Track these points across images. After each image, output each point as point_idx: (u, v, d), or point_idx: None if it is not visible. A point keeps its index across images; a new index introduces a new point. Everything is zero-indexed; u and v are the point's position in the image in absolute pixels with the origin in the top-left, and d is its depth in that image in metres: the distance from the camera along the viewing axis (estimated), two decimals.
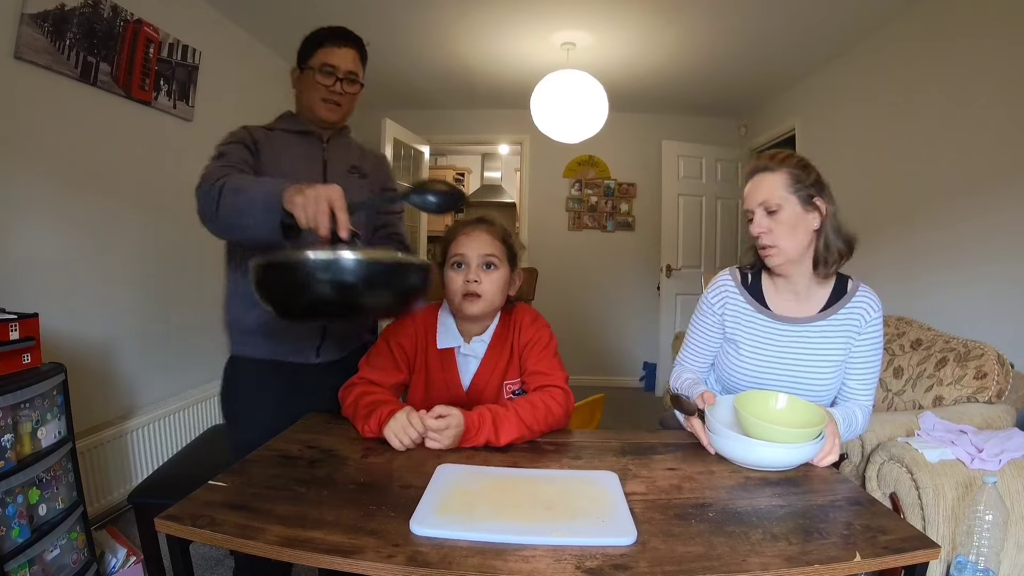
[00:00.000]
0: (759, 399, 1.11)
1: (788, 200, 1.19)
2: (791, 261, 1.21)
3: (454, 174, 7.13)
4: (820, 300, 1.25)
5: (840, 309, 1.23)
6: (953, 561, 1.23)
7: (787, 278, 1.26)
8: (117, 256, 2.29)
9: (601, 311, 4.89)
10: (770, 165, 1.22)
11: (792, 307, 1.27)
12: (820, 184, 1.22)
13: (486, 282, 1.21)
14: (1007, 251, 2.15)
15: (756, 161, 1.26)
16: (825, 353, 1.23)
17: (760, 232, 1.20)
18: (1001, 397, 1.84)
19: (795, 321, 1.25)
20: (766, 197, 1.20)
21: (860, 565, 0.69)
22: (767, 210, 1.20)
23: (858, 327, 1.22)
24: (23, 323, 1.52)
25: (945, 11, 2.48)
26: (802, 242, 1.20)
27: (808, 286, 1.25)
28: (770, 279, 1.30)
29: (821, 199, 1.21)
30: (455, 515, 0.76)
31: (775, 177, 1.21)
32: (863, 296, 1.24)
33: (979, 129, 2.28)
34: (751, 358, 1.27)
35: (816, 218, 1.21)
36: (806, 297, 1.26)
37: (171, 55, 2.54)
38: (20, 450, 1.46)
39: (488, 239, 1.23)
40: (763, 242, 1.21)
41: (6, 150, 1.87)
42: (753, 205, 1.22)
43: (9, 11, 1.83)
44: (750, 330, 1.27)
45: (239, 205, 1.01)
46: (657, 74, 3.80)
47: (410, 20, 3.04)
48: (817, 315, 1.24)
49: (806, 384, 1.23)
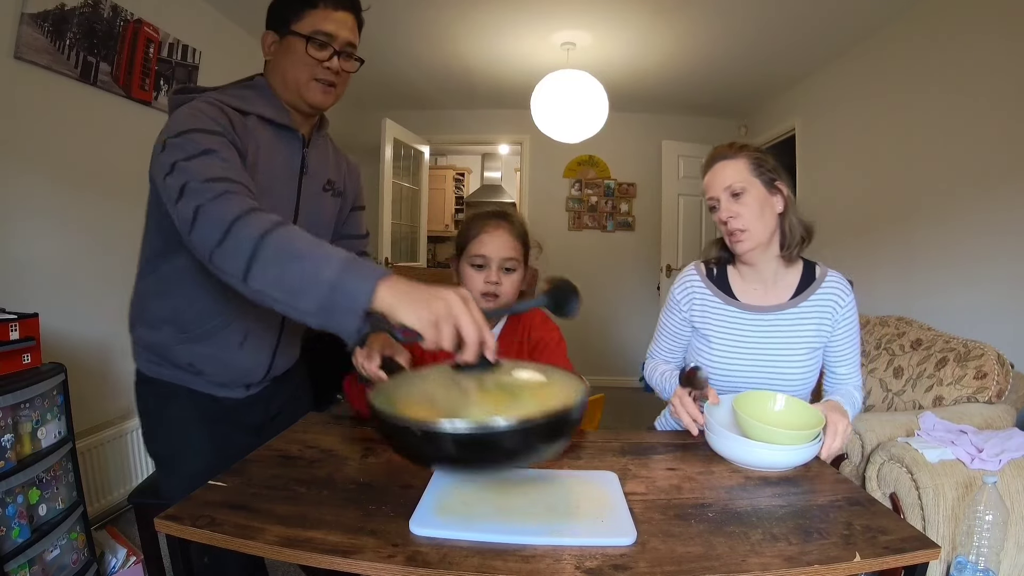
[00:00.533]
0: (757, 400, 1.11)
1: (752, 183, 1.21)
2: (761, 245, 1.22)
3: (454, 174, 7.13)
4: (789, 286, 1.26)
5: (811, 295, 1.24)
6: (953, 561, 1.23)
7: (753, 266, 1.27)
8: (117, 256, 2.29)
9: (601, 311, 4.88)
10: (728, 153, 1.24)
11: (760, 296, 1.27)
12: (778, 169, 1.25)
13: (506, 283, 1.24)
14: (1007, 251, 2.15)
15: (712, 152, 1.28)
16: (798, 340, 1.23)
17: (729, 217, 1.21)
18: (1001, 397, 1.84)
19: (765, 310, 1.25)
20: (731, 181, 1.21)
21: (860, 565, 0.69)
22: (732, 194, 1.21)
23: (832, 314, 1.23)
24: (23, 323, 1.52)
25: (945, 11, 2.48)
26: (769, 225, 1.22)
27: (775, 271, 1.26)
28: (736, 271, 1.31)
29: (782, 183, 1.23)
30: (455, 515, 0.76)
31: (736, 163, 1.23)
32: (833, 281, 1.25)
33: (979, 129, 2.28)
34: (722, 350, 1.27)
35: (780, 201, 1.23)
36: (773, 283, 1.27)
37: (171, 55, 2.54)
38: (20, 450, 1.46)
39: (510, 240, 1.24)
40: (732, 226, 1.21)
41: (6, 150, 1.87)
42: (718, 191, 1.23)
43: (9, 11, 1.83)
44: (719, 322, 1.28)
45: (291, 282, 0.73)
46: (657, 74, 3.80)
47: (410, 20, 3.03)
48: (788, 302, 1.25)
49: (780, 373, 1.23)
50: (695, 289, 1.31)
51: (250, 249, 0.75)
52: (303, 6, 1.03)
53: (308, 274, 0.73)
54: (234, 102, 1.02)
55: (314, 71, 1.05)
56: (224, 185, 0.83)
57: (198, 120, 0.93)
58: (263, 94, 1.08)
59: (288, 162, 1.10)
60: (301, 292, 0.73)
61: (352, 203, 1.29)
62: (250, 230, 0.76)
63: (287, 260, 0.74)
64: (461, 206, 7.05)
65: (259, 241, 0.75)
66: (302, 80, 1.06)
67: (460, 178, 7.22)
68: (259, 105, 1.06)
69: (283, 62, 1.06)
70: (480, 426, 0.63)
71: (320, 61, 1.05)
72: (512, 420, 0.63)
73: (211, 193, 0.81)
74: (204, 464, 0.96)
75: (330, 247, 0.77)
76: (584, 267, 4.87)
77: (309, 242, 0.77)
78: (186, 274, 1.03)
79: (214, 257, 0.78)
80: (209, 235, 0.78)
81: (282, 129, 1.09)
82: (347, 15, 1.07)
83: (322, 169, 1.18)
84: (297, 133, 1.12)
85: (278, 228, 0.77)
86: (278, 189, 1.08)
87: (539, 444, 0.67)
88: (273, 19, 1.08)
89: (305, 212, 1.14)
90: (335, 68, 1.07)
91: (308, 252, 0.75)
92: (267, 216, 0.79)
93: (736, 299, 1.28)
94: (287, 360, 1.24)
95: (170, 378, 1.10)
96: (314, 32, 1.03)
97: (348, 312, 0.72)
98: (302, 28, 1.03)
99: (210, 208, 0.80)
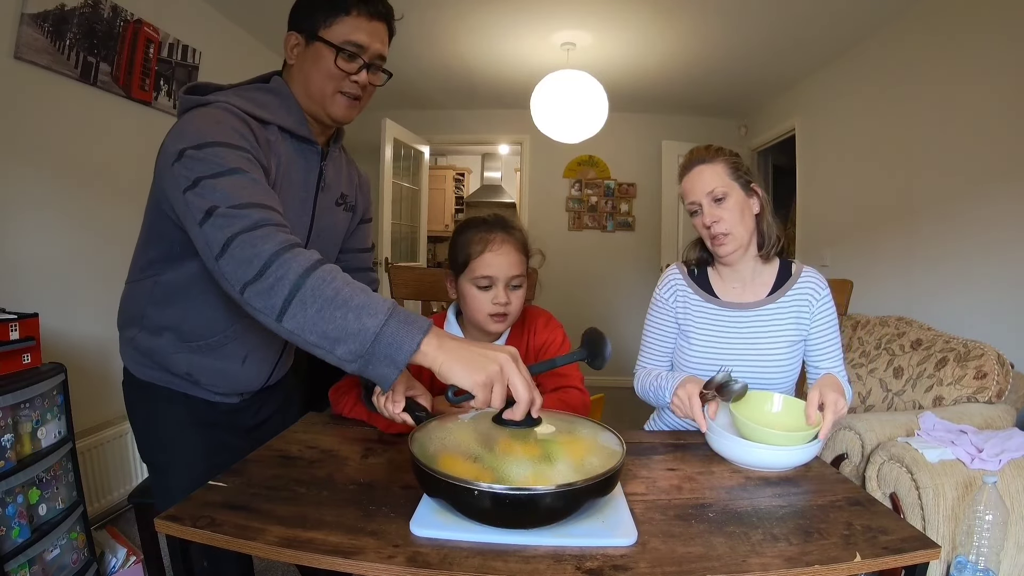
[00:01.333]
0: (755, 401, 1.11)
1: (732, 187, 1.24)
2: (742, 247, 1.25)
3: (454, 174, 7.13)
4: (767, 283, 1.30)
5: (788, 291, 1.28)
6: (953, 561, 1.23)
7: (733, 267, 1.30)
8: (117, 256, 2.28)
9: (601, 311, 4.88)
10: (706, 157, 1.27)
11: (739, 293, 1.31)
12: (752, 172, 1.29)
13: (514, 300, 1.19)
14: (1007, 251, 2.15)
15: (689, 156, 1.30)
16: (778, 335, 1.26)
17: (713, 222, 1.24)
18: (1001, 397, 1.84)
19: (745, 307, 1.29)
20: (713, 186, 1.24)
21: (860, 565, 0.69)
22: (714, 199, 1.24)
23: (809, 306, 1.27)
24: (23, 323, 1.52)
25: (945, 11, 2.48)
26: (748, 227, 1.26)
27: (754, 269, 1.31)
28: (715, 271, 1.35)
29: (757, 184, 1.28)
30: (455, 516, 0.76)
31: (715, 167, 1.25)
32: (808, 277, 1.29)
33: (979, 129, 2.28)
34: (704, 347, 1.29)
35: (756, 202, 1.27)
36: (752, 281, 1.31)
37: (171, 55, 2.54)
38: (20, 450, 1.46)
39: (515, 256, 1.19)
40: (716, 230, 1.24)
41: (6, 150, 1.87)
42: (700, 196, 1.25)
43: (9, 11, 1.83)
44: (701, 320, 1.31)
45: (330, 328, 0.71)
46: (657, 74, 3.80)
47: (410, 20, 3.02)
48: (766, 299, 1.29)
49: (762, 368, 1.25)
50: (679, 287, 1.34)
51: (288, 290, 0.72)
52: (335, 11, 0.96)
53: (350, 322, 0.71)
54: (255, 110, 0.96)
55: (340, 84, 0.99)
56: (259, 213, 0.77)
57: (221, 131, 0.86)
58: (285, 102, 1.01)
59: (306, 176, 1.05)
60: (341, 340, 0.71)
61: (361, 216, 1.25)
62: (289, 270, 0.73)
63: (328, 306, 0.71)
64: (461, 206, 7.05)
65: (298, 283, 0.72)
66: (327, 92, 0.99)
67: (460, 178, 7.22)
68: (281, 115, 1.00)
69: (308, 70, 0.99)
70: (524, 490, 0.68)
71: (348, 74, 0.98)
72: (552, 486, 0.68)
73: (245, 222, 0.76)
74: (198, 471, 0.95)
75: (372, 294, 0.75)
76: (584, 267, 4.88)
77: (352, 287, 0.74)
78: (193, 286, 1.00)
79: (247, 293, 0.74)
80: (243, 270, 0.74)
81: (302, 141, 1.04)
82: (381, 25, 1.01)
83: (336, 183, 1.14)
84: (317, 146, 1.06)
85: (318, 268, 0.74)
86: (295, 204, 1.03)
87: (579, 505, 0.72)
88: (299, 20, 0.99)
89: (318, 228, 1.10)
90: (363, 82, 1.00)
91: (351, 298, 0.72)
92: (306, 254, 0.75)
93: (717, 297, 1.32)
94: (284, 369, 1.24)
95: (164, 383, 1.06)
96: (345, 42, 0.96)
97: (388, 363, 0.71)
98: (332, 36, 0.96)
99: (244, 240, 0.75)
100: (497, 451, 0.76)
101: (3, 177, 1.86)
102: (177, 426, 1.07)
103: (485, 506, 0.69)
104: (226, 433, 1.11)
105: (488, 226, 1.20)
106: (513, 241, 1.19)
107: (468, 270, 1.18)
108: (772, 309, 1.28)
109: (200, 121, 0.88)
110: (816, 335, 1.27)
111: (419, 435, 0.82)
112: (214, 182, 0.80)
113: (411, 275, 1.62)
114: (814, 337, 1.27)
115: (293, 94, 1.02)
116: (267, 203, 0.81)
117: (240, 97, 0.97)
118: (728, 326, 1.29)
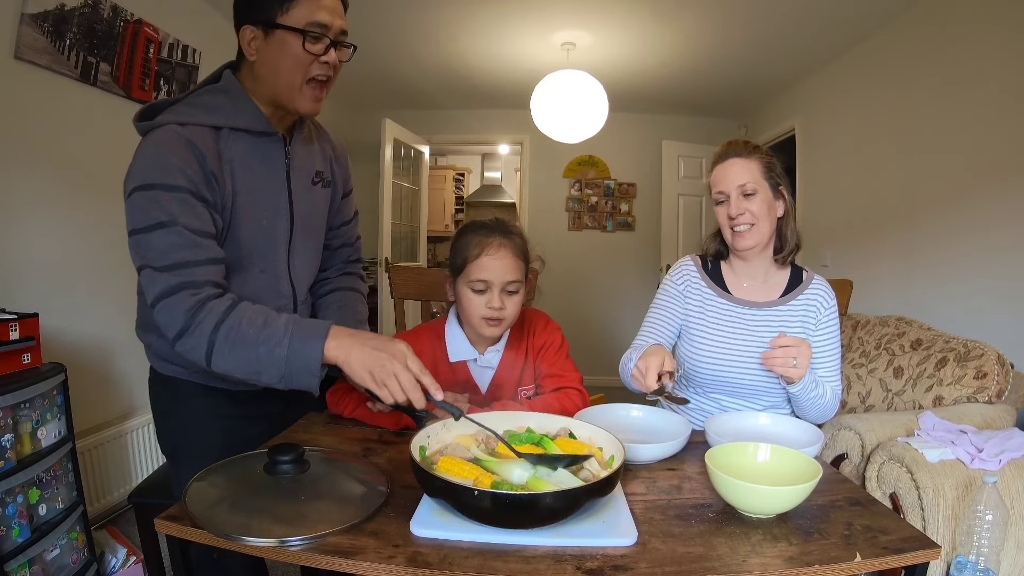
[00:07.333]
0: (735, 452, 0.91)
1: (763, 185, 1.26)
2: (760, 244, 1.27)
3: (454, 174, 7.13)
4: (779, 285, 1.32)
5: (799, 296, 1.30)
6: (953, 561, 1.23)
7: (748, 263, 1.32)
8: (117, 256, 2.28)
9: (601, 311, 4.88)
10: (743, 151, 1.28)
11: (751, 291, 1.33)
12: (784, 176, 1.30)
13: (509, 306, 1.17)
14: (1007, 251, 2.15)
15: (726, 146, 1.31)
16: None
17: (738, 214, 1.25)
18: (1001, 397, 1.84)
19: (756, 305, 1.31)
20: (745, 180, 1.25)
21: (860, 565, 0.69)
22: (744, 193, 1.25)
23: (816, 314, 1.29)
24: (23, 323, 1.52)
25: (945, 11, 2.48)
26: (771, 226, 1.27)
27: (767, 270, 1.33)
28: (729, 266, 1.36)
29: (786, 189, 1.29)
30: (455, 516, 0.76)
31: (749, 163, 1.26)
32: (818, 286, 1.32)
33: (979, 129, 2.28)
34: (714, 343, 1.30)
35: (781, 206, 1.29)
36: (764, 281, 1.33)
37: (171, 55, 2.54)
38: (20, 450, 1.46)
39: (512, 262, 1.16)
40: (740, 222, 1.25)
41: (6, 150, 1.87)
42: (730, 188, 1.26)
43: (9, 11, 1.83)
44: (713, 314, 1.32)
45: (248, 366, 0.85)
46: (657, 74, 3.80)
47: (410, 20, 3.03)
48: (778, 300, 1.31)
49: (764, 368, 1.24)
50: (691, 279, 1.36)
51: (206, 344, 0.85)
52: None
53: (263, 355, 0.84)
54: (205, 118, 0.96)
55: (309, 69, 0.96)
56: (179, 277, 0.87)
57: (160, 168, 0.90)
58: (235, 100, 0.99)
59: (271, 166, 1.04)
60: (262, 371, 0.85)
61: (342, 190, 1.23)
62: (203, 326, 0.85)
63: (241, 348, 0.85)
64: (461, 206, 7.05)
65: (212, 337, 0.85)
66: (296, 84, 0.96)
67: (460, 178, 7.22)
68: (232, 116, 0.98)
69: (275, 61, 0.95)
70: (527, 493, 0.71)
71: (316, 56, 0.95)
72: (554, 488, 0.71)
73: (163, 286, 0.87)
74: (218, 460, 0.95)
75: (273, 318, 0.87)
76: (584, 267, 4.88)
77: (254, 324, 0.86)
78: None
79: (177, 346, 0.88)
80: (170, 327, 0.87)
81: (260, 135, 1.02)
82: (337, 0, 0.97)
83: (308, 163, 1.12)
84: (277, 135, 1.04)
85: (226, 319, 0.86)
86: (267, 196, 1.04)
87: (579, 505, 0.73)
88: (251, 12, 0.94)
89: (300, 214, 1.11)
90: (332, 61, 0.97)
91: (256, 336, 0.85)
92: (218, 304, 0.87)
93: (729, 292, 1.33)
94: None
95: (187, 376, 1.09)
96: (309, 24, 0.93)
97: (306, 374, 0.85)
98: (292, 21, 0.92)
99: (167, 304, 0.87)
100: (497, 452, 0.77)
101: (3, 177, 1.86)
102: (196, 417, 1.11)
103: (485, 506, 0.70)
104: (247, 424, 1.12)
105: (488, 230, 1.19)
106: (511, 246, 1.17)
107: (465, 273, 1.18)
108: (782, 311, 1.29)
109: (145, 153, 0.94)
110: (817, 342, 1.29)
111: (418, 437, 0.83)
112: (147, 238, 0.88)
113: (411, 275, 1.63)
114: (815, 345, 1.27)
115: (247, 90, 1.00)
116: (189, 259, 0.88)
117: (190, 107, 0.98)
118: (737, 322, 1.30)
